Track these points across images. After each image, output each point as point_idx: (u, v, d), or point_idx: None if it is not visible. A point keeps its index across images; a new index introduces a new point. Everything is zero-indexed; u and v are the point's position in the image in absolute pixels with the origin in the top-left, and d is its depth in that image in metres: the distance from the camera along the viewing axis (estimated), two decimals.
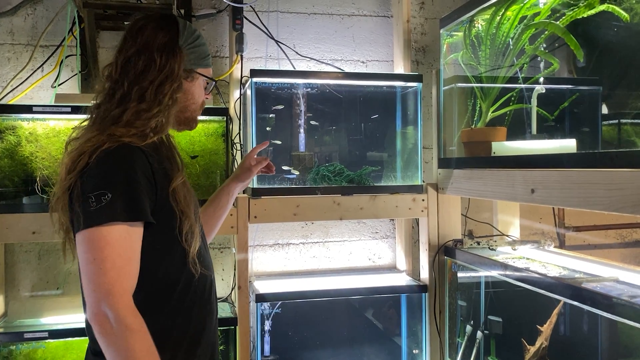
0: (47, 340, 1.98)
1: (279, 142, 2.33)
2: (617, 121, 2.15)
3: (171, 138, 1.34)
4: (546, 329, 1.75)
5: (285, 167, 2.27)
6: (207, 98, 1.41)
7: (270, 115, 2.34)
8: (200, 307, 1.28)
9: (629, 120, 2.06)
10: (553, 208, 2.60)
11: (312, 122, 2.38)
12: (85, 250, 1.08)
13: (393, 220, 2.65)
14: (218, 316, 1.41)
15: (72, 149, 1.19)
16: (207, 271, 1.31)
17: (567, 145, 1.77)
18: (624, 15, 1.48)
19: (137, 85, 1.21)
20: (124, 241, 1.09)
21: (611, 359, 1.97)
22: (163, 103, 1.22)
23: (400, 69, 2.50)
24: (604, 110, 2.21)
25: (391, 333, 2.50)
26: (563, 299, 1.57)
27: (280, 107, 2.33)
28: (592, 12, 1.55)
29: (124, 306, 1.06)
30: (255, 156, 1.70)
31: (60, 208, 1.18)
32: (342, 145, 2.46)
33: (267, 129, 2.32)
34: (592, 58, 2.15)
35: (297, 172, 2.27)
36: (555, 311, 1.75)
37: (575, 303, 1.47)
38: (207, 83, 1.37)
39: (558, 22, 1.67)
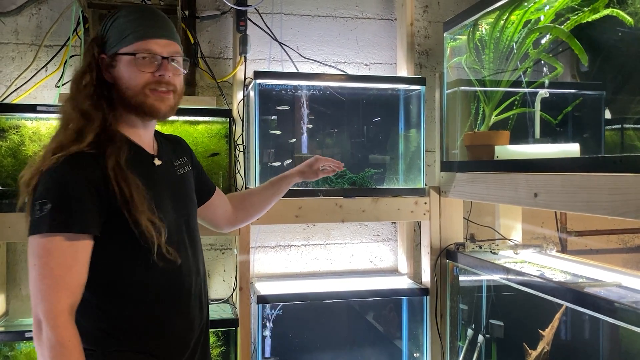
0: None
1: (279, 132, 2.32)
2: (620, 126, 2.15)
3: (113, 129, 1.22)
4: (548, 333, 1.75)
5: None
6: (161, 75, 1.22)
7: (273, 118, 2.34)
8: (166, 302, 1.24)
9: (632, 125, 2.06)
10: (555, 212, 2.60)
11: (314, 125, 2.38)
12: (29, 256, 1.10)
13: (395, 223, 2.65)
14: (220, 317, 1.39)
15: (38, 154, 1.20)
16: (178, 264, 1.24)
17: (571, 149, 1.77)
18: (629, 19, 1.48)
19: (75, 85, 1.23)
20: (64, 250, 1.09)
21: None
22: (77, 99, 1.21)
23: (403, 72, 2.50)
24: (607, 114, 2.21)
25: (392, 336, 2.49)
26: (565, 304, 1.56)
27: (285, 107, 2.33)
28: (597, 16, 1.55)
29: (54, 315, 1.07)
30: (323, 167, 1.73)
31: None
32: (344, 148, 2.46)
33: (277, 132, 2.32)
34: (595, 62, 2.15)
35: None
36: (557, 316, 1.74)
37: (578, 308, 1.47)
38: (145, 59, 1.20)
39: (562, 27, 1.67)
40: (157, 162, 1.30)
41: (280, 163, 2.31)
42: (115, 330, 1.19)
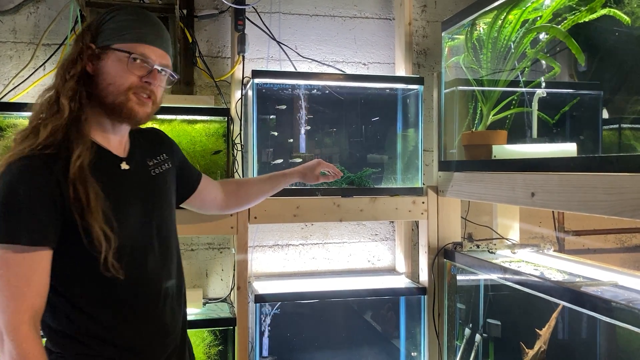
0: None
1: (275, 133, 2.33)
2: (617, 126, 2.15)
3: (83, 126, 1.18)
4: (545, 332, 1.75)
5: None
6: (147, 81, 1.20)
7: (271, 117, 2.34)
8: (129, 309, 1.21)
9: (630, 125, 2.06)
10: (553, 212, 2.60)
11: (312, 124, 2.38)
12: None
13: (393, 222, 2.65)
14: (218, 316, 1.38)
15: None
16: (149, 292, 1.23)
17: (568, 149, 1.77)
18: (626, 19, 1.48)
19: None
20: (21, 261, 1.07)
21: None
22: (53, 86, 1.17)
23: (401, 71, 2.51)
24: (605, 114, 2.22)
25: (390, 335, 2.50)
26: (562, 303, 1.56)
27: (283, 106, 2.33)
28: (594, 16, 1.55)
29: (13, 327, 1.05)
30: (323, 171, 1.74)
31: None
32: (342, 147, 2.46)
33: (275, 133, 2.32)
34: (593, 62, 2.15)
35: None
36: (554, 315, 1.74)
37: (575, 307, 1.47)
38: (137, 62, 1.19)
39: (560, 26, 1.67)
40: (125, 166, 1.26)
41: (282, 160, 2.31)
42: (82, 335, 1.17)
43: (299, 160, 2.28)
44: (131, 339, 1.22)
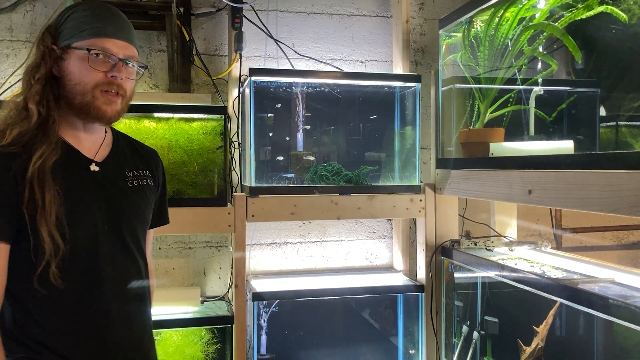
0: None
1: (273, 132, 2.33)
2: (614, 123, 2.15)
3: (53, 127, 1.16)
4: (542, 329, 1.75)
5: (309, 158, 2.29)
6: (113, 75, 1.18)
7: (269, 115, 2.34)
8: (74, 318, 1.17)
9: (627, 123, 2.07)
10: (550, 209, 2.61)
11: (309, 122, 2.37)
12: None
13: (391, 220, 2.65)
14: (216, 314, 1.35)
15: None
16: (103, 299, 1.19)
17: (565, 146, 1.77)
18: (623, 16, 1.48)
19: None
20: None
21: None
22: (22, 92, 1.17)
23: (399, 69, 2.51)
24: (602, 112, 2.22)
25: (388, 333, 2.50)
26: (559, 300, 1.57)
27: (280, 104, 2.33)
28: (591, 13, 1.55)
29: None
30: None
31: None
32: (340, 145, 2.46)
33: (271, 132, 2.32)
34: (590, 60, 2.15)
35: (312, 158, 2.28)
36: (552, 312, 1.75)
37: (571, 304, 1.48)
38: (100, 58, 1.16)
39: (556, 24, 1.67)
40: (94, 167, 1.23)
41: (283, 157, 2.31)
42: (28, 339, 1.14)
43: (312, 158, 2.28)
44: (73, 350, 1.17)
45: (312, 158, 2.28)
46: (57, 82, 1.18)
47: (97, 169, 1.23)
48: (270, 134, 2.33)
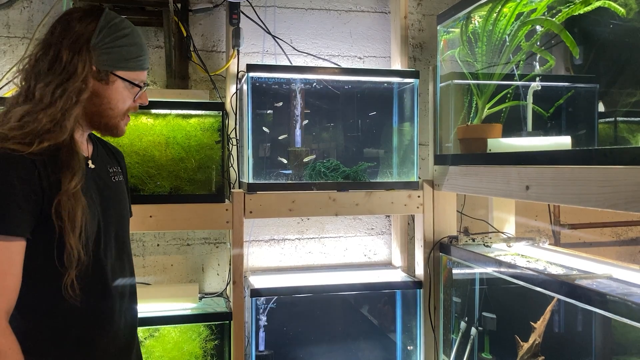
0: None
1: (267, 130, 2.32)
2: (613, 119, 2.15)
3: (75, 143, 1.17)
4: (539, 325, 1.75)
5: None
6: (141, 104, 1.27)
7: (267, 111, 2.34)
8: (94, 327, 1.19)
9: (625, 118, 2.06)
10: (549, 205, 2.61)
11: (307, 119, 2.37)
12: None
13: (389, 216, 2.65)
14: (214, 311, 1.35)
15: None
16: (107, 295, 1.20)
17: (562, 142, 1.77)
18: (621, 10, 1.47)
19: (41, 83, 1.13)
20: (1, 252, 1.03)
21: (605, 356, 1.97)
22: (58, 105, 1.11)
23: (397, 65, 2.50)
24: (601, 107, 2.21)
25: (386, 329, 2.50)
26: (556, 296, 1.57)
27: (278, 100, 2.32)
28: (589, 8, 1.55)
29: None
30: None
31: None
32: (338, 141, 2.46)
33: (268, 129, 2.32)
34: (589, 55, 2.15)
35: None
36: (549, 308, 1.75)
37: (568, 300, 1.48)
38: (135, 87, 1.23)
39: (554, 19, 1.66)
40: (91, 165, 1.24)
41: (281, 154, 2.31)
42: (32, 346, 1.12)
43: (312, 156, 2.27)
44: (83, 352, 1.18)
45: (311, 157, 2.27)
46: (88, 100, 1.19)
47: (93, 166, 1.24)
48: (268, 131, 2.33)
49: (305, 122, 2.36)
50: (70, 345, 1.16)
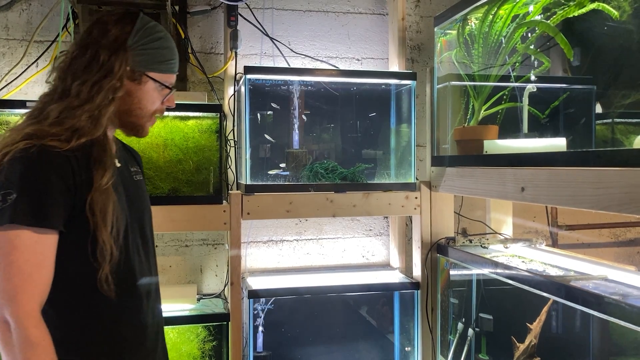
0: None
1: (269, 138, 2.33)
2: (610, 120, 2.15)
3: (108, 140, 1.23)
4: (535, 326, 1.76)
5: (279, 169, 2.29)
6: (168, 106, 1.31)
7: (269, 113, 2.34)
8: (123, 323, 1.22)
9: (622, 120, 2.07)
10: (546, 207, 2.61)
11: (305, 119, 2.38)
12: None
13: (387, 217, 2.66)
14: (212, 312, 1.36)
15: None
16: (135, 290, 1.23)
17: (557, 143, 1.77)
18: (614, 13, 1.48)
19: (78, 81, 1.17)
20: (33, 246, 1.05)
21: (602, 357, 1.97)
22: (95, 101, 1.16)
23: (395, 66, 2.51)
24: (598, 109, 2.21)
25: (384, 330, 2.51)
26: (552, 297, 1.57)
27: (276, 102, 2.33)
28: (583, 10, 1.55)
29: (26, 315, 1.03)
30: None
31: None
32: (336, 143, 2.46)
33: (267, 131, 2.32)
34: (587, 57, 2.15)
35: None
36: (545, 309, 1.75)
37: (563, 301, 1.48)
38: (165, 89, 1.28)
39: (549, 21, 1.67)
40: (117, 163, 1.26)
41: (279, 155, 2.32)
42: (63, 339, 1.13)
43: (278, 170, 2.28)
44: (113, 342, 1.20)
45: (278, 170, 2.28)
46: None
47: (119, 165, 1.28)
48: (266, 132, 2.33)
49: (303, 123, 2.37)
50: (100, 340, 1.19)
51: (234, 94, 2.33)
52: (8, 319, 1.03)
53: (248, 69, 2.16)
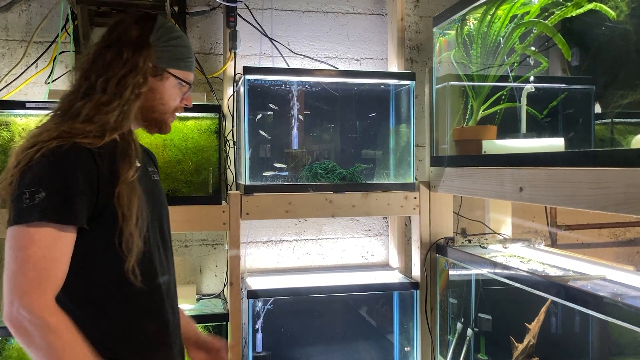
0: None
1: (264, 134, 2.34)
2: (609, 120, 2.15)
3: (132, 135, 1.25)
4: (534, 326, 1.76)
5: (277, 165, 2.29)
6: (186, 105, 1.35)
7: (269, 113, 2.35)
8: (147, 317, 1.23)
9: (621, 120, 2.07)
10: (545, 207, 2.61)
11: (304, 120, 2.38)
12: (10, 247, 1.05)
13: (387, 217, 2.66)
14: (211, 312, 1.37)
15: (23, 142, 1.15)
16: (156, 282, 1.25)
17: (555, 144, 1.77)
18: (611, 13, 1.48)
19: (102, 77, 1.20)
20: (51, 243, 1.06)
21: (602, 356, 1.97)
22: (124, 96, 1.19)
23: (394, 67, 2.51)
24: (598, 109, 2.21)
25: (384, 330, 2.51)
26: (550, 297, 1.57)
27: (274, 103, 2.33)
28: (581, 11, 1.55)
29: (39, 306, 1.03)
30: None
31: (3, 202, 1.14)
32: (335, 143, 2.46)
33: (266, 130, 2.33)
34: (586, 57, 2.15)
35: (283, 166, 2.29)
36: (543, 309, 1.75)
37: (561, 301, 1.48)
38: (184, 87, 1.32)
39: (547, 21, 1.67)
40: (137, 163, 1.27)
41: (278, 156, 2.32)
42: (88, 336, 1.12)
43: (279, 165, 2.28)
44: (136, 339, 1.22)
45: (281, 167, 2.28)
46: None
47: (138, 164, 1.28)
48: (265, 133, 2.34)
49: (302, 123, 2.37)
50: (125, 335, 1.20)
51: (233, 95, 2.33)
52: (22, 312, 1.02)
53: (247, 70, 2.16)
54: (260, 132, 2.31)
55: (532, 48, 1.90)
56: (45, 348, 1.03)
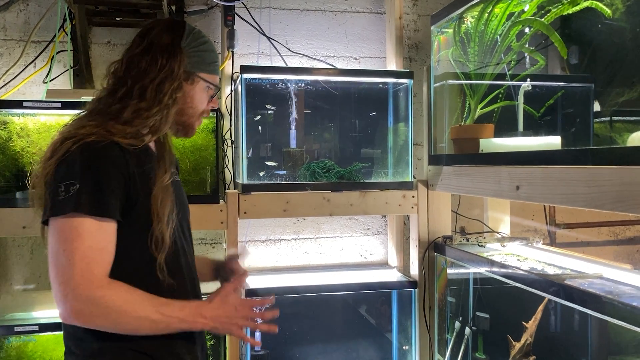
0: (37, 334, 1.99)
1: (265, 129, 2.34)
2: (608, 118, 2.15)
3: (168, 140, 1.33)
4: (531, 325, 1.76)
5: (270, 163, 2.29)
6: (213, 107, 1.37)
7: (261, 112, 2.35)
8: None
9: (620, 118, 2.06)
10: (544, 205, 2.61)
11: (302, 119, 2.38)
12: (56, 241, 1.08)
13: (385, 216, 2.66)
14: None
15: (57, 136, 1.18)
16: (182, 278, 1.27)
17: (552, 142, 1.77)
18: (607, 11, 1.48)
19: (139, 83, 1.22)
20: (95, 234, 1.09)
21: (600, 355, 1.97)
22: (163, 102, 1.22)
23: (392, 65, 2.50)
24: (597, 107, 2.21)
25: (382, 329, 2.51)
26: (546, 296, 1.57)
27: (272, 101, 2.33)
28: (577, 8, 1.55)
29: (97, 288, 1.06)
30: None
31: (38, 195, 1.17)
32: (333, 142, 2.46)
33: (262, 131, 2.33)
34: (585, 55, 2.15)
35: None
36: (540, 308, 1.75)
37: (558, 299, 1.48)
38: (211, 90, 1.35)
39: (543, 19, 1.67)
40: (172, 168, 1.31)
41: (276, 154, 2.32)
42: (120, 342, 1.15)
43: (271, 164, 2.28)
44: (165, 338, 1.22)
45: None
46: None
47: (173, 169, 1.31)
48: (263, 131, 2.34)
49: (300, 122, 2.37)
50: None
51: (231, 94, 2.33)
52: (77, 304, 1.05)
53: (244, 69, 2.16)
54: (259, 128, 2.31)
55: (529, 47, 1.90)
56: (116, 314, 1.07)
